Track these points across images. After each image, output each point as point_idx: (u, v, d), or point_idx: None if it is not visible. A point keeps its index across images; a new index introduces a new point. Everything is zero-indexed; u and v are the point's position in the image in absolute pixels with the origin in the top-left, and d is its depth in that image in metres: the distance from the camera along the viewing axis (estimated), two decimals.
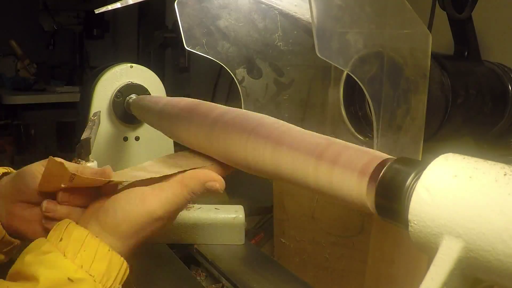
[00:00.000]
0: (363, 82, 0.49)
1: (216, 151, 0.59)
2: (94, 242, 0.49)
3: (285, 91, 0.79)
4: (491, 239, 0.31)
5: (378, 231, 0.67)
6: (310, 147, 0.47)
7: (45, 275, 0.46)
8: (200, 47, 0.73)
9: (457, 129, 0.68)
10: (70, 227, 0.51)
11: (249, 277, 0.81)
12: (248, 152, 0.53)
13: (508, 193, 0.32)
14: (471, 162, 0.35)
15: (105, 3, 0.95)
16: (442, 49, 0.71)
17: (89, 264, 0.48)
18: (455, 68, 0.66)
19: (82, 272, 0.48)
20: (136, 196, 0.52)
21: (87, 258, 0.48)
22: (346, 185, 0.43)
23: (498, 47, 0.88)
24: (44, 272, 0.47)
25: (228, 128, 0.56)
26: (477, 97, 0.68)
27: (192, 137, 0.63)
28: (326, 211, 0.93)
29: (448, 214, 0.33)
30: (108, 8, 0.96)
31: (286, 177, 0.50)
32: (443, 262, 0.33)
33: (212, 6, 0.72)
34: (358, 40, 0.48)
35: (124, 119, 1.02)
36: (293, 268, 0.95)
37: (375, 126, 0.50)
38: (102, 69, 1.03)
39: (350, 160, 0.43)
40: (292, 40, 0.76)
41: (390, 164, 0.40)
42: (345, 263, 0.90)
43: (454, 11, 0.67)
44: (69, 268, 0.47)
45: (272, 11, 0.74)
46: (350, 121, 0.70)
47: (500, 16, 0.89)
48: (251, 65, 0.76)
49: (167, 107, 0.72)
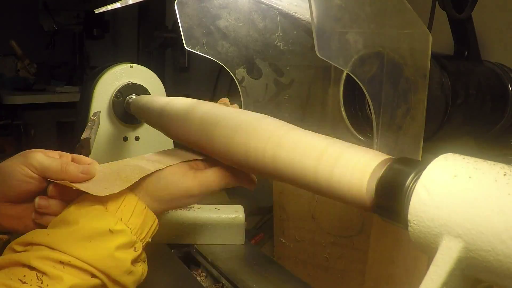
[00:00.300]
0: (363, 82, 0.49)
1: (217, 151, 0.59)
2: (133, 200, 0.56)
3: (285, 91, 0.79)
4: (490, 239, 0.31)
5: (378, 231, 0.67)
6: (310, 147, 0.47)
7: (87, 222, 0.52)
8: (200, 47, 0.73)
9: (457, 129, 0.68)
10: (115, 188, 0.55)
11: (249, 277, 0.81)
12: (249, 152, 0.53)
13: (508, 193, 0.32)
14: (471, 162, 0.35)
15: (105, 3, 0.96)
16: (442, 49, 0.71)
17: (127, 218, 0.54)
18: (455, 68, 0.66)
19: (121, 224, 0.53)
20: (180, 171, 0.59)
21: (126, 212, 0.55)
22: (346, 185, 0.43)
23: (498, 47, 0.88)
24: (86, 219, 0.52)
25: (229, 128, 0.56)
26: (477, 97, 0.68)
27: (192, 137, 0.63)
28: (326, 211, 0.93)
29: (447, 214, 0.33)
30: (108, 8, 0.96)
31: (286, 177, 0.50)
32: (443, 262, 0.33)
33: (212, 6, 0.72)
34: (358, 40, 0.48)
35: (124, 119, 1.02)
36: (293, 268, 0.95)
37: (375, 126, 0.50)
38: (102, 69, 1.03)
39: (350, 160, 0.43)
40: (292, 40, 0.76)
41: (390, 164, 0.40)
42: (345, 263, 0.90)
43: (454, 11, 0.67)
44: (110, 219, 0.53)
45: (272, 11, 0.74)
46: (350, 121, 0.70)
47: (500, 16, 0.89)
48: (251, 65, 0.76)
49: (167, 107, 0.72)
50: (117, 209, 0.54)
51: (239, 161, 0.56)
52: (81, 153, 0.76)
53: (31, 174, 0.57)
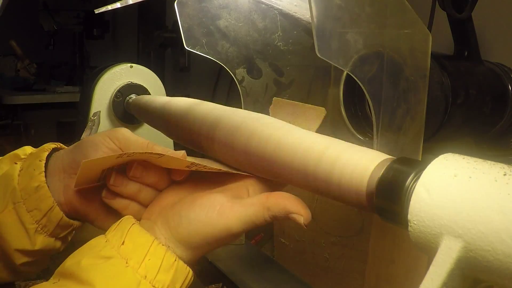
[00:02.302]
0: (363, 82, 0.49)
1: (217, 151, 0.59)
2: (161, 251, 0.45)
3: (285, 91, 0.79)
4: (490, 239, 0.31)
5: (378, 231, 0.67)
6: (310, 147, 0.47)
7: (104, 284, 0.42)
8: (200, 47, 0.73)
9: (457, 129, 0.68)
10: (133, 230, 0.46)
11: (249, 277, 0.81)
12: (249, 152, 0.53)
13: (508, 193, 0.32)
14: (470, 162, 0.35)
15: (105, 3, 0.95)
16: (442, 49, 0.71)
17: (153, 275, 0.44)
18: (455, 68, 0.66)
19: (146, 283, 0.43)
20: (214, 207, 0.47)
21: (152, 268, 0.44)
22: (346, 185, 0.43)
23: (498, 47, 0.88)
24: (103, 281, 0.43)
25: (229, 129, 0.56)
26: (477, 97, 0.68)
27: (193, 137, 0.63)
28: (326, 211, 0.93)
29: (447, 214, 0.33)
30: (108, 8, 0.96)
31: (286, 177, 0.50)
32: (443, 262, 0.33)
33: (212, 6, 0.72)
34: (358, 40, 0.48)
35: (124, 119, 1.02)
36: (293, 268, 0.95)
37: (375, 126, 0.50)
38: (102, 69, 1.03)
39: (350, 160, 0.43)
40: (292, 40, 0.76)
41: (390, 164, 0.40)
42: (345, 263, 0.90)
43: (454, 11, 0.67)
44: (131, 278, 0.43)
45: (272, 11, 0.74)
46: (350, 121, 0.70)
47: (500, 16, 0.89)
48: (251, 65, 0.76)
49: (167, 107, 0.72)
50: (140, 263, 0.44)
51: (239, 161, 0.56)
52: None
53: (114, 146, 0.54)
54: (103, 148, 0.54)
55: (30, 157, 0.58)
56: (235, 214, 0.47)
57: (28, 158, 0.58)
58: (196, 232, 0.46)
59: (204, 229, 0.46)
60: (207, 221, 0.46)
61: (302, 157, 0.47)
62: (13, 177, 0.55)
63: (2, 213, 0.54)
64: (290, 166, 0.48)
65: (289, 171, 0.48)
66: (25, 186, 0.54)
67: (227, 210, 0.47)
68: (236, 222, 0.46)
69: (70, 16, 2.97)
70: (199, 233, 0.46)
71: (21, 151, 0.59)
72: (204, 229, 0.46)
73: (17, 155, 0.59)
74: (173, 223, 0.47)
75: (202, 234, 0.46)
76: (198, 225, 0.46)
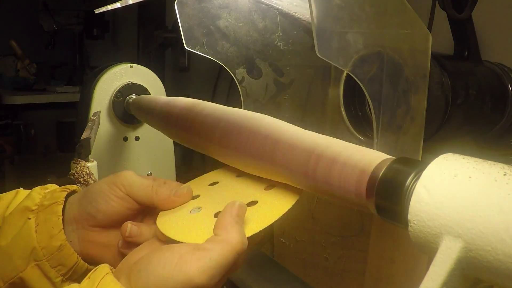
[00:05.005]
0: (363, 82, 0.49)
1: (217, 151, 0.59)
2: None
3: (285, 91, 0.79)
4: (490, 239, 0.31)
5: (378, 231, 0.67)
6: (309, 147, 0.47)
7: None
8: (200, 47, 0.73)
9: (457, 129, 0.68)
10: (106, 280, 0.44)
11: (249, 277, 0.80)
12: (249, 152, 0.53)
13: (508, 193, 0.32)
14: (470, 162, 0.35)
15: (105, 3, 0.95)
16: (442, 49, 0.71)
17: None
18: (455, 68, 0.66)
19: None
20: (172, 258, 0.44)
21: None
22: (346, 185, 0.43)
23: (498, 47, 0.88)
24: None
25: (229, 128, 0.56)
26: (477, 97, 0.68)
27: (192, 137, 0.63)
28: (326, 211, 0.93)
29: (447, 214, 0.33)
30: (108, 8, 0.96)
31: (286, 177, 0.50)
32: (443, 262, 0.33)
33: (212, 6, 0.72)
34: (358, 40, 0.48)
35: (124, 119, 1.02)
36: (293, 268, 0.95)
37: (375, 126, 0.50)
38: (102, 69, 1.03)
39: (350, 160, 0.43)
40: (292, 40, 0.76)
41: (390, 164, 0.40)
42: (345, 263, 0.90)
43: (454, 11, 0.67)
44: None
45: (272, 11, 0.74)
46: (350, 121, 0.70)
47: (500, 16, 0.89)
48: (251, 65, 0.76)
49: (167, 107, 0.72)
50: None
51: (239, 161, 0.56)
52: (81, 153, 0.76)
53: (119, 192, 0.53)
54: (112, 197, 0.54)
55: (43, 211, 0.55)
56: (195, 262, 0.43)
57: (41, 211, 0.55)
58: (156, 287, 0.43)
59: (163, 283, 0.43)
60: (165, 274, 0.43)
61: (301, 157, 0.47)
62: (31, 236, 0.53)
63: (25, 271, 0.53)
64: (290, 166, 0.48)
65: (289, 171, 0.48)
66: (46, 245, 0.53)
67: (188, 260, 0.43)
68: (197, 271, 0.42)
69: (70, 16, 2.97)
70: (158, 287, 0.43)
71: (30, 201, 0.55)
72: (163, 282, 0.43)
73: (27, 207, 0.55)
74: (134, 278, 0.44)
75: None
76: (156, 279, 0.43)
